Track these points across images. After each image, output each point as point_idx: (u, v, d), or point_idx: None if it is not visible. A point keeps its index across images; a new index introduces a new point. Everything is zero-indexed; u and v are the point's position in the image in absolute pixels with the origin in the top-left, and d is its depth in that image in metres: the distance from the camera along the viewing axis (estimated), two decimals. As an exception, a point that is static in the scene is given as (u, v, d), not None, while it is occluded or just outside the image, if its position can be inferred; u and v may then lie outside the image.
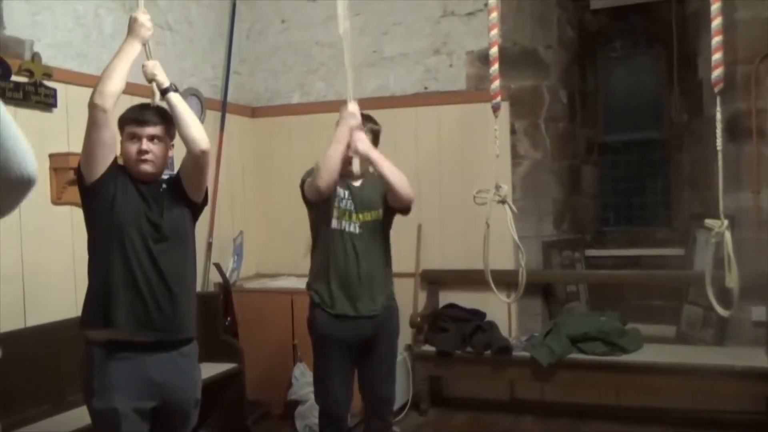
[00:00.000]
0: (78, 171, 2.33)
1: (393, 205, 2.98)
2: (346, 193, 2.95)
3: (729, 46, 3.64)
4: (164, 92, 2.35)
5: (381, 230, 3.02)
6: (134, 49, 2.32)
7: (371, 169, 2.96)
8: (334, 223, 2.92)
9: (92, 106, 2.20)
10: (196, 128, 2.35)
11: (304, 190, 2.95)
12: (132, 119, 2.34)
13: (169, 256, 2.32)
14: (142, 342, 2.27)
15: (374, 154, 2.87)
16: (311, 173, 2.93)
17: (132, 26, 2.33)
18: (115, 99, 2.23)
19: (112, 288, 2.26)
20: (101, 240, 2.30)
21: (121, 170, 2.34)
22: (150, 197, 2.33)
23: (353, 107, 2.84)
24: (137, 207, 2.30)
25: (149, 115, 2.34)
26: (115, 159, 2.33)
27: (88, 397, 2.29)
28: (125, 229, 2.27)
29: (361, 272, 2.91)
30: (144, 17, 2.33)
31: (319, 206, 2.94)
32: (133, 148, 2.31)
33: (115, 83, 2.23)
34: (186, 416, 2.40)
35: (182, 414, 2.38)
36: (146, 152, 2.30)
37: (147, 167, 2.32)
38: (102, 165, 2.27)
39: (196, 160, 2.37)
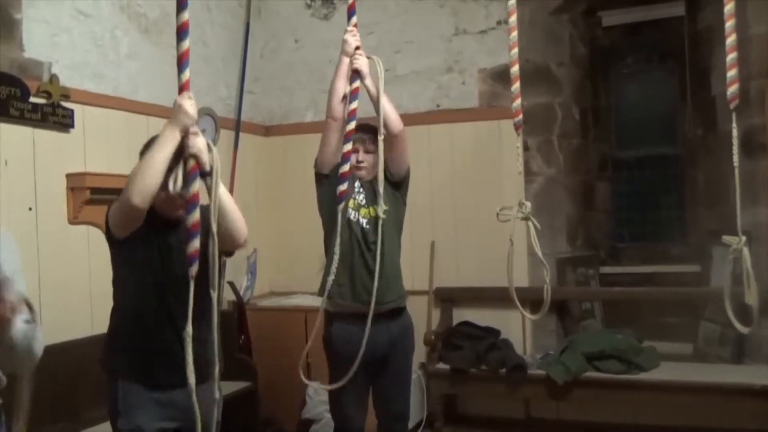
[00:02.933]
0: (107, 227, 2.30)
1: (389, 143, 2.99)
2: (359, 187, 3.04)
3: (743, 61, 3.62)
4: (205, 175, 1.95)
5: (390, 225, 3.02)
6: (175, 139, 2.00)
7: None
8: (347, 213, 2.96)
9: (132, 207, 2.07)
10: (239, 219, 2.24)
11: (317, 162, 3.08)
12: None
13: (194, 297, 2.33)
14: (171, 382, 2.28)
15: (369, 80, 2.96)
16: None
17: (175, 114, 2.01)
18: (152, 197, 2.07)
19: (147, 341, 2.29)
20: (132, 290, 2.32)
21: (149, 213, 2.28)
22: (178, 242, 2.30)
23: (348, 35, 2.92)
24: (169, 254, 2.31)
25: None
26: None
27: (114, 418, 2.33)
28: (158, 277, 2.28)
29: (372, 264, 2.87)
30: (189, 104, 1.99)
31: (331, 191, 2.90)
32: (167, 197, 2.18)
33: (153, 180, 2.05)
34: None
35: None
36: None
37: (182, 212, 2.26)
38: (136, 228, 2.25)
39: (236, 249, 2.36)
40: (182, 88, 1.91)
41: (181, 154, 1.95)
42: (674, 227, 5.08)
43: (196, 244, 1.84)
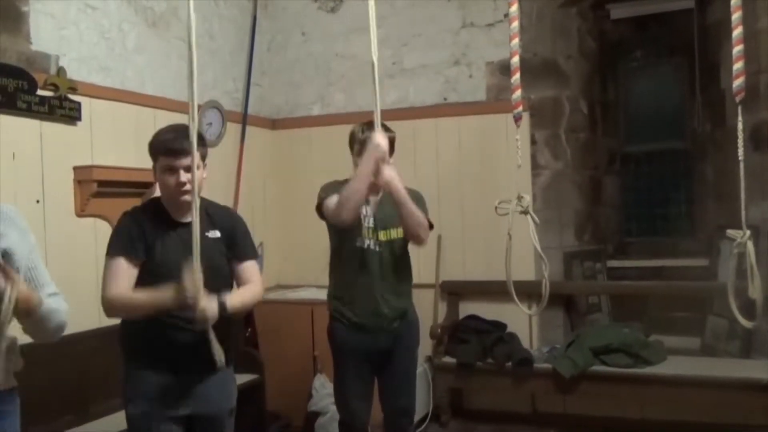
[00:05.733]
0: None
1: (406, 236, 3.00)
2: (368, 210, 2.95)
3: (752, 55, 3.60)
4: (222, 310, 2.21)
5: (401, 247, 3.01)
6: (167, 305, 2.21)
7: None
8: (358, 242, 2.92)
9: (105, 309, 2.31)
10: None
11: (324, 212, 2.94)
12: (167, 150, 2.29)
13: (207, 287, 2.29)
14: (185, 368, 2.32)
15: (397, 185, 2.80)
16: (327, 191, 2.93)
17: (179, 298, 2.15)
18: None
19: (160, 333, 2.29)
20: (145, 283, 2.32)
21: (149, 221, 2.34)
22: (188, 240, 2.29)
23: (379, 138, 2.69)
24: (178, 254, 2.28)
25: (184, 144, 2.26)
26: (137, 221, 2.34)
27: (124, 402, 2.38)
28: (170, 273, 2.25)
29: (382, 290, 2.92)
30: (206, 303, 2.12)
31: (337, 229, 2.95)
32: (171, 180, 2.29)
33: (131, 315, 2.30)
34: (221, 425, 2.44)
35: (218, 423, 2.43)
36: (185, 183, 2.27)
37: (187, 198, 2.27)
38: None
39: None
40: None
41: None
42: (683, 222, 5.06)
43: None
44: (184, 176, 2.28)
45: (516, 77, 2.23)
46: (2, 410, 1.90)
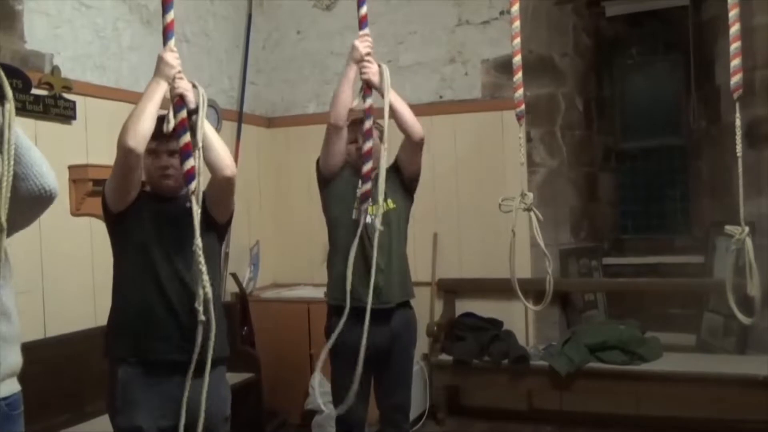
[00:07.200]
0: (104, 202, 2.29)
1: (406, 146, 3.00)
2: (362, 184, 2.88)
3: (747, 51, 3.60)
4: (191, 113, 2.13)
5: (398, 221, 3.01)
6: (161, 87, 2.16)
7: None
8: (354, 214, 2.89)
9: (126, 150, 2.11)
10: (220, 153, 2.25)
11: (320, 165, 2.98)
12: (152, 135, 2.28)
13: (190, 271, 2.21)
14: (172, 362, 2.24)
15: (375, 79, 2.82)
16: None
17: (158, 65, 2.19)
18: (146, 141, 2.14)
19: (146, 316, 2.24)
20: (130, 266, 2.28)
21: (144, 191, 2.32)
22: (176, 215, 2.24)
23: (356, 41, 2.79)
24: (163, 227, 2.26)
25: (168, 128, 2.25)
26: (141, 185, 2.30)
27: (112, 414, 2.29)
28: (153, 251, 2.24)
29: (381, 263, 2.85)
30: (170, 56, 2.18)
31: (337, 193, 2.93)
32: (154, 164, 2.29)
33: (146, 125, 2.13)
34: None
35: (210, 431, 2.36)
36: (167, 167, 2.27)
37: (169, 182, 2.30)
38: (131, 199, 2.25)
39: (220, 186, 2.29)
40: (165, 38, 2.16)
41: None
42: (678, 218, 5.07)
43: (191, 161, 2.03)
44: (166, 160, 2.27)
45: (518, 76, 2.23)
46: None
